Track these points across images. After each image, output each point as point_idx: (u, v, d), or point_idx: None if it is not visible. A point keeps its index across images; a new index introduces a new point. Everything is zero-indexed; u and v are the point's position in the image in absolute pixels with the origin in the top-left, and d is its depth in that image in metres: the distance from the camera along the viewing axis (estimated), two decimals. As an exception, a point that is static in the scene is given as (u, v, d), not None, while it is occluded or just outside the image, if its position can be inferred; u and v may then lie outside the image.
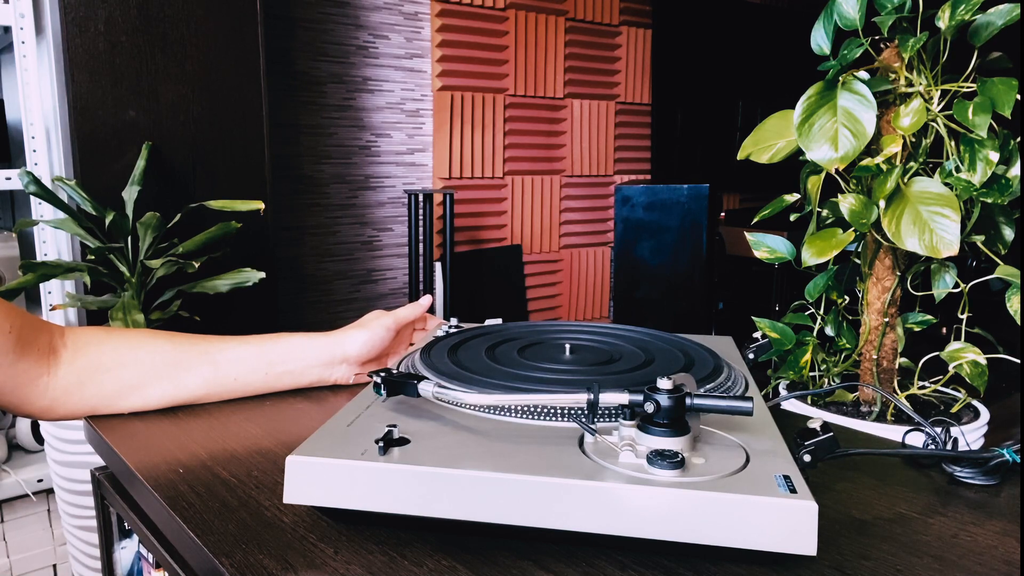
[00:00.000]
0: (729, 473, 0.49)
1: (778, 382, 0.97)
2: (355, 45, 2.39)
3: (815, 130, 0.79)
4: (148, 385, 0.73)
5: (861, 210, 0.80)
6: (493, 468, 0.49)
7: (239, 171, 1.67)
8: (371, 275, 2.54)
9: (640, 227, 2.74)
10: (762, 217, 0.94)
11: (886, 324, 0.89)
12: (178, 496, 0.57)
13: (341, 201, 2.44)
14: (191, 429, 0.71)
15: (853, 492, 0.60)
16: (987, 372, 0.81)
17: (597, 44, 2.99)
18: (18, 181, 1.39)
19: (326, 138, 2.37)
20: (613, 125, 3.09)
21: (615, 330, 0.82)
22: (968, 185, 0.77)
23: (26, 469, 1.64)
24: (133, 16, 1.50)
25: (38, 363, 0.68)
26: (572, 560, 0.49)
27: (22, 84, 1.53)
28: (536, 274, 2.94)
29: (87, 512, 1.44)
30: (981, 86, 0.77)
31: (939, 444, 0.66)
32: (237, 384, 0.77)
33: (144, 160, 1.48)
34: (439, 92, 2.56)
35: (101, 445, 0.70)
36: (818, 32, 0.88)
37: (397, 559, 0.49)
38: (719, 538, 0.46)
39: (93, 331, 0.74)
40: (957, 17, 0.77)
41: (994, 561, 0.49)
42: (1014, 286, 0.77)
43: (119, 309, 1.32)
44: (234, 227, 1.44)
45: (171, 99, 1.56)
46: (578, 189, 3.03)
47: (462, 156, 2.65)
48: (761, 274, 3.00)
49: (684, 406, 0.51)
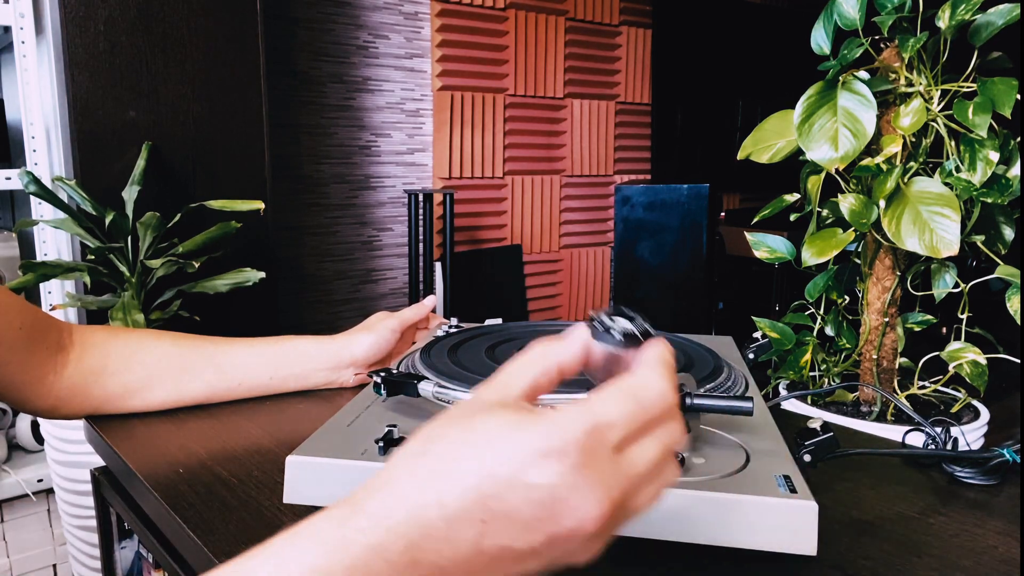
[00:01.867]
0: (729, 473, 0.49)
1: (778, 382, 0.97)
2: (355, 45, 2.39)
3: (815, 130, 0.79)
4: (152, 387, 0.73)
5: (861, 210, 0.80)
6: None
7: (239, 171, 1.67)
8: (371, 275, 2.54)
9: (640, 227, 2.74)
10: (762, 217, 0.94)
11: (886, 324, 0.89)
12: (178, 496, 0.57)
13: (341, 201, 2.44)
14: (191, 429, 0.71)
15: (853, 492, 0.60)
16: (987, 372, 0.81)
17: (597, 44, 2.99)
18: (18, 181, 1.39)
19: (326, 138, 2.37)
20: (613, 125, 3.09)
21: (615, 330, 0.82)
22: (968, 185, 0.77)
23: (26, 469, 1.64)
24: (133, 16, 1.50)
25: (46, 361, 0.68)
26: (572, 560, 0.49)
27: (22, 84, 1.53)
28: (536, 274, 2.94)
29: (87, 512, 1.44)
30: (981, 86, 0.77)
31: (939, 444, 0.66)
32: (242, 388, 0.77)
33: (144, 160, 1.48)
34: (439, 92, 2.56)
35: (101, 445, 0.70)
36: (818, 32, 0.88)
37: (397, 559, 0.49)
38: (719, 538, 0.46)
39: (100, 331, 0.74)
40: (957, 17, 0.77)
41: (994, 561, 0.49)
42: (1014, 286, 0.77)
43: (119, 309, 1.32)
44: (234, 227, 1.44)
45: (171, 99, 1.56)
46: (578, 189, 3.03)
47: (462, 156, 2.65)
48: (761, 274, 3.00)
49: (684, 406, 0.51)
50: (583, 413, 0.30)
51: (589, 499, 0.29)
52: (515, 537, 0.29)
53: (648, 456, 0.32)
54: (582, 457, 0.29)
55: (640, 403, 0.32)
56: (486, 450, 0.29)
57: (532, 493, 0.29)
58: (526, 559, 0.30)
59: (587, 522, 0.29)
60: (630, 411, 0.31)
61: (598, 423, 0.30)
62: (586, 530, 0.29)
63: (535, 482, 0.29)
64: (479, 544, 0.29)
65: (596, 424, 0.30)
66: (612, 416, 0.31)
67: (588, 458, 0.29)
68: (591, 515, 0.29)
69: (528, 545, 0.29)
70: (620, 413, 0.31)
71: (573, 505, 0.29)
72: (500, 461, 0.29)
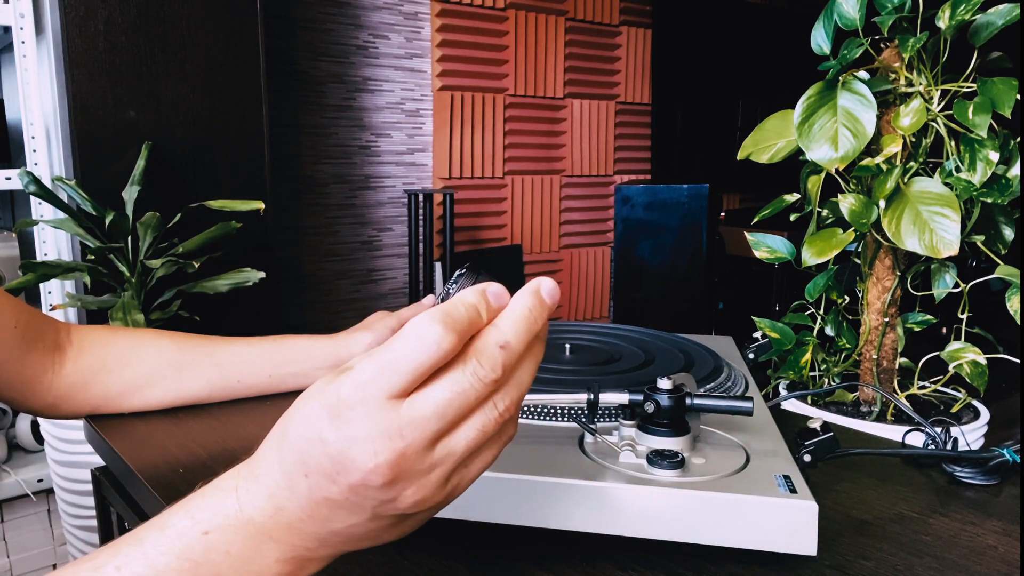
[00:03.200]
0: (729, 473, 0.49)
1: (778, 382, 0.97)
2: (355, 45, 2.39)
3: (815, 130, 0.79)
4: (151, 386, 0.73)
5: (861, 210, 0.80)
6: (493, 468, 0.49)
7: (239, 171, 1.67)
8: (371, 275, 2.54)
9: (640, 227, 2.75)
10: (762, 217, 0.94)
11: (886, 324, 0.89)
12: (178, 496, 0.56)
13: (341, 201, 2.44)
14: (191, 429, 0.71)
15: (853, 492, 0.60)
16: (987, 372, 0.81)
17: (597, 44, 2.99)
18: (18, 181, 1.39)
19: (326, 138, 2.37)
20: (613, 125, 3.09)
21: (615, 330, 0.82)
22: (968, 185, 0.77)
23: (26, 469, 1.64)
24: (133, 16, 1.50)
25: (43, 360, 0.68)
26: (572, 560, 0.49)
27: (22, 84, 1.53)
28: (536, 274, 2.94)
29: (87, 512, 1.44)
30: (981, 86, 0.77)
31: (939, 444, 0.66)
32: (241, 386, 0.77)
33: (144, 160, 1.48)
34: (439, 92, 2.56)
35: (101, 445, 0.70)
36: (818, 32, 0.88)
37: (397, 559, 0.49)
38: (719, 538, 0.46)
39: (99, 330, 0.74)
40: (957, 17, 0.77)
41: (994, 561, 0.49)
42: (1014, 286, 0.77)
43: (119, 309, 1.32)
44: (234, 227, 1.44)
45: (171, 99, 1.56)
46: (578, 189, 3.03)
47: (462, 156, 2.65)
48: (761, 274, 3.00)
49: (684, 406, 0.51)
50: (347, 372, 0.33)
51: (366, 450, 0.31)
52: (328, 488, 0.33)
53: (433, 405, 0.32)
54: (351, 412, 0.32)
55: (396, 353, 0.32)
56: (298, 413, 0.34)
57: (326, 448, 0.32)
58: (353, 510, 0.33)
59: (370, 474, 0.32)
60: (383, 363, 0.32)
61: (357, 380, 0.32)
62: (374, 481, 0.32)
63: (325, 437, 0.32)
64: (311, 496, 0.33)
65: (356, 381, 0.32)
66: (366, 373, 0.32)
67: (356, 413, 0.32)
68: (368, 465, 0.31)
69: (342, 496, 0.33)
70: (372, 368, 0.32)
71: (352, 456, 0.32)
72: (305, 422, 0.33)
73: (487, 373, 0.32)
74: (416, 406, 0.32)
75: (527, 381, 0.35)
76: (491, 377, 0.33)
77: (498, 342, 0.33)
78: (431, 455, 0.33)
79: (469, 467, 0.34)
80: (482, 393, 0.33)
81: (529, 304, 0.34)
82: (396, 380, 0.32)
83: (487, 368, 0.32)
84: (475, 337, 0.33)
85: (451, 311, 0.32)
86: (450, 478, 0.34)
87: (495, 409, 0.33)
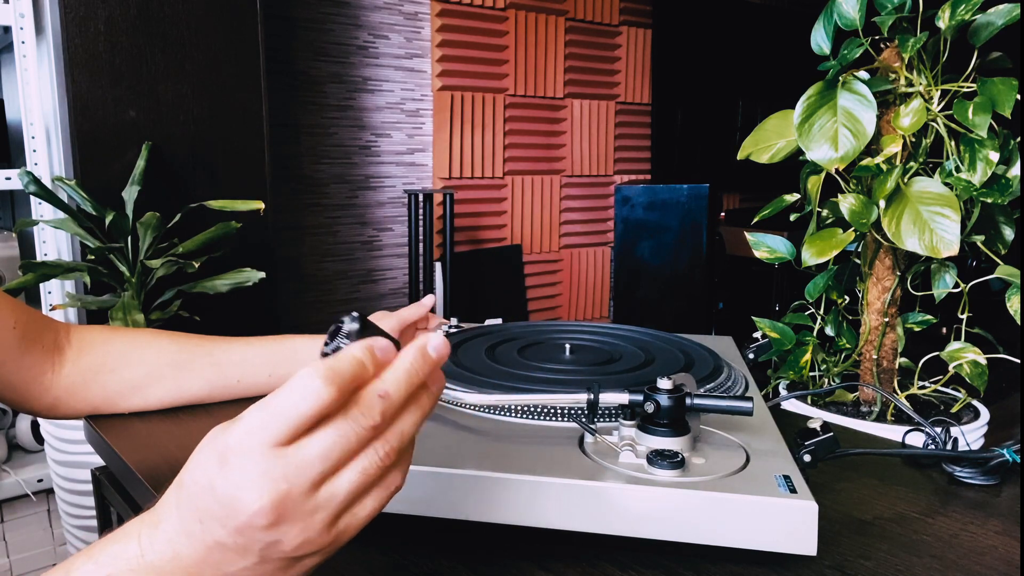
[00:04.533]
0: (729, 473, 0.49)
1: (778, 382, 0.97)
2: (355, 45, 2.39)
3: (815, 130, 0.79)
4: (151, 386, 0.73)
5: (861, 210, 0.80)
6: (493, 468, 0.49)
7: (239, 171, 1.67)
8: (371, 275, 2.54)
9: (640, 227, 2.75)
10: (762, 217, 0.94)
11: (886, 324, 0.89)
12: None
13: (341, 201, 2.44)
14: (191, 429, 0.71)
15: (853, 492, 0.60)
16: (987, 372, 0.81)
17: (597, 44, 2.99)
18: (18, 181, 1.39)
19: (326, 138, 2.37)
20: (613, 125, 3.09)
21: (615, 330, 0.82)
22: (968, 185, 0.77)
23: (26, 469, 1.64)
24: (133, 16, 1.50)
25: (42, 360, 0.68)
26: (572, 560, 0.49)
27: (22, 84, 1.53)
28: (536, 274, 2.94)
29: (87, 512, 1.44)
30: (981, 86, 0.77)
31: (939, 444, 0.66)
32: (240, 386, 0.77)
33: (144, 160, 1.48)
34: (439, 92, 2.56)
35: (101, 445, 0.70)
36: (818, 32, 0.88)
37: (397, 559, 0.49)
38: (719, 538, 0.46)
39: (98, 330, 0.74)
40: (957, 17, 0.77)
41: (994, 561, 0.49)
42: (1014, 286, 0.77)
43: (119, 309, 1.32)
44: (234, 227, 1.44)
45: (171, 99, 1.56)
46: (578, 189, 3.03)
47: (462, 156, 2.65)
48: (761, 274, 3.00)
49: (684, 406, 0.51)
50: (238, 422, 0.35)
51: (251, 493, 0.33)
52: (218, 532, 0.34)
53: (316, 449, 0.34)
54: (237, 459, 0.33)
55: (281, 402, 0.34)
56: (193, 461, 0.35)
57: (215, 493, 0.33)
58: (242, 553, 0.34)
59: (255, 515, 0.33)
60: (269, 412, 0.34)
61: (245, 427, 0.34)
62: (258, 523, 0.33)
63: (215, 483, 0.34)
64: (204, 540, 0.34)
65: (244, 429, 0.34)
66: (253, 421, 0.34)
67: (243, 459, 0.33)
68: (253, 507, 0.33)
69: (231, 539, 0.34)
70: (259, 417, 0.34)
71: (239, 498, 0.33)
72: (197, 468, 0.35)
73: (367, 420, 0.35)
74: (300, 451, 0.34)
75: (409, 430, 0.37)
76: (370, 424, 0.35)
77: (378, 392, 0.35)
78: (315, 497, 0.34)
79: (356, 513, 0.36)
80: (363, 437, 0.35)
81: (411, 358, 0.37)
82: (281, 427, 0.33)
83: (367, 415, 0.35)
84: (360, 388, 0.35)
85: (335, 365, 0.34)
86: (336, 522, 0.35)
87: (376, 454, 0.35)
